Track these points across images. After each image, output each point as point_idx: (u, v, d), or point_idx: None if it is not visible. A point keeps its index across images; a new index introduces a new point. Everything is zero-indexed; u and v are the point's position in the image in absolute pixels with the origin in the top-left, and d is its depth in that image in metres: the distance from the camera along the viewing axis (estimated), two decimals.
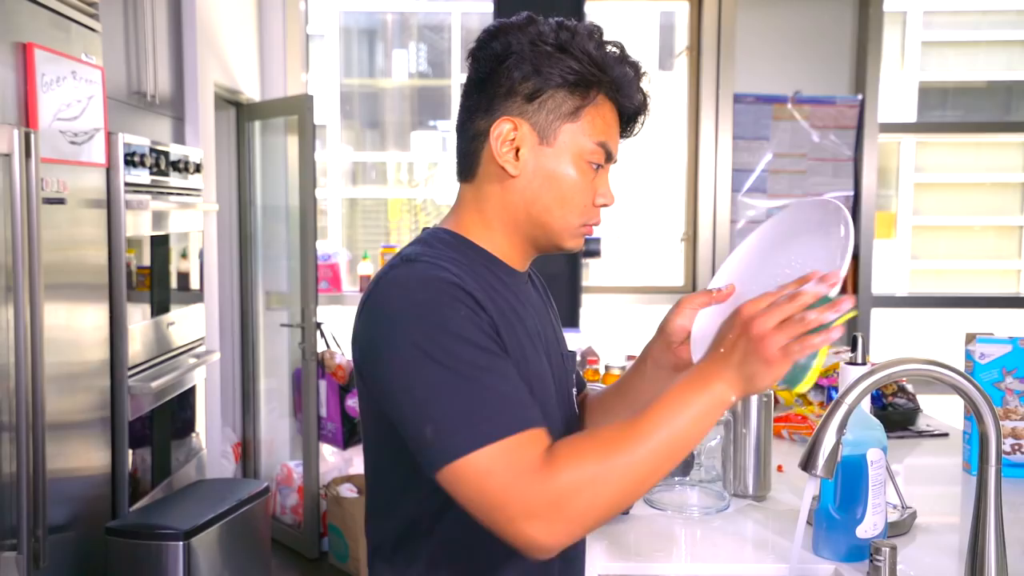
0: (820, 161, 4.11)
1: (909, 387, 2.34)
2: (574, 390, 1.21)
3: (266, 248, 4.02)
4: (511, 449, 0.87)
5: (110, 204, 2.40)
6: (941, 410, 2.44)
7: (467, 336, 0.92)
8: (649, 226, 4.54)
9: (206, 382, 3.11)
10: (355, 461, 3.75)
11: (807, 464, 1.05)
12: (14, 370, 1.86)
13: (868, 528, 1.37)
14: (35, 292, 1.88)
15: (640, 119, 1.10)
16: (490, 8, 3.83)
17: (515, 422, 0.89)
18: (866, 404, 1.50)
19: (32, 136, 1.86)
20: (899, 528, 1.50)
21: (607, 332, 4.24)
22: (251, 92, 3.86)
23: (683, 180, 4.25)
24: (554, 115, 1.02)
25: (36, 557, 1.86)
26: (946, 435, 2.19)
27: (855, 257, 4.11)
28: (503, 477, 0.86)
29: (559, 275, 3.56)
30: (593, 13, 4.39)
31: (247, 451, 3.94)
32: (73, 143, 2.15)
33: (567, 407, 1.16)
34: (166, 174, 2.73)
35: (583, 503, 0.86)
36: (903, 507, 1.55)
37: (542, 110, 1.02)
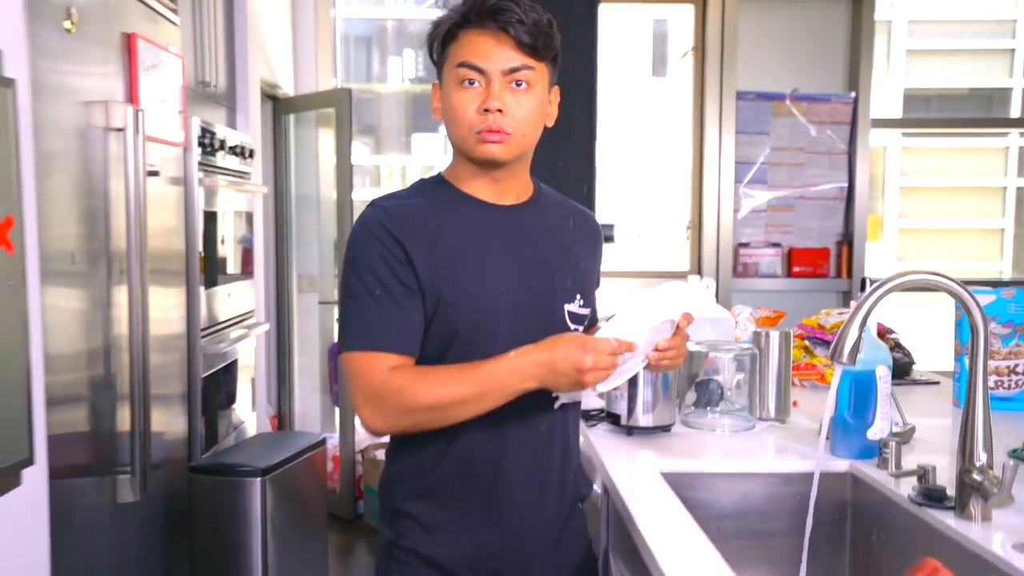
0: (816, 154, 4.41)
1: (904, 344, 2.62)
2: (571, 307, 1.40)
3: (298, 234, 4.28)
4: (365, 359, 1.26)
5: (186, 181, 2.65)
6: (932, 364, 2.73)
7: (370, 269, 1.27)
8: (657, 216, 4.82)
9: (255, 351, 3.36)
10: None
11: (834, 354, 1.32)
12: (128, 342, 2.10)
13: (877, 431, 1.65)
14: (143, 267, 2.11)
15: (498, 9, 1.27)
16: None
17: (373, 342, 1.26)
18: (875, 331, 1.77)
19: (140, 114, 2.12)
20: (901, 438, 1.77)
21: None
22: (287, 87, 4.12)
23: (689, 172, 4.53)
24: (441, 68, 1.34)
25: (144, 482, 2.11)
26: (937, 383, 2.48)
27: (849, 242, 4.41)
28: (356, 374, 1.26)
29: None
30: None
31: (282, 424, 4.19)
32: (162, 123, 2.41)
33: (542, 316, 1.36)
34: (225, 156, 2.98)
35: (399, 404, 1.24)
36: (904, 423, 1.83)
37: (440, 68, 1.34)
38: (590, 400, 1.83)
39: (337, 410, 4.07)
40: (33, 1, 1.69)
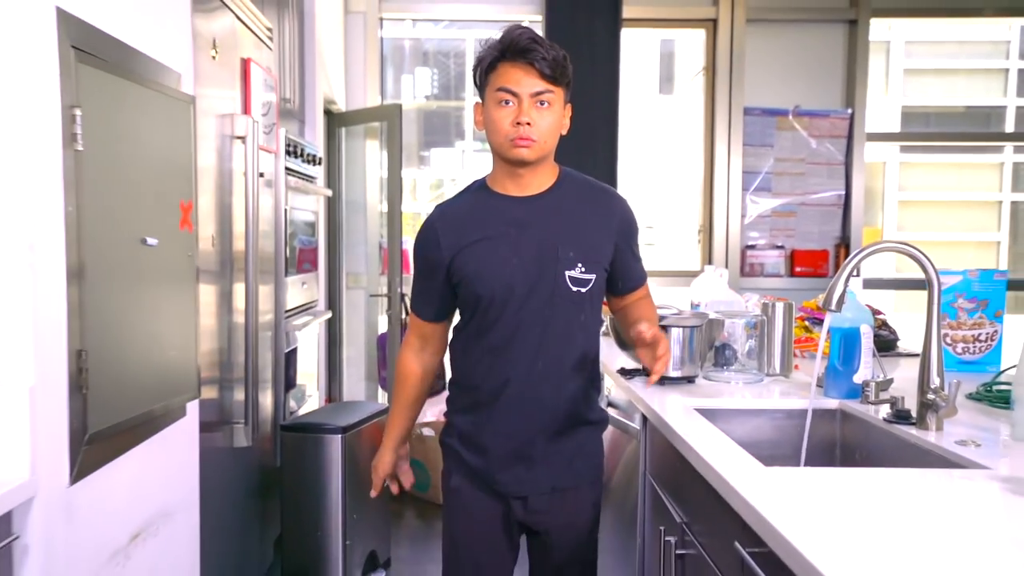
0: (816, 165, 4.86)
1: (890, 323, 3.05)
2: (572, 273, 1.79)
3: (347, 235, 4.73)
4: (412, 316, 1.94)
5: (276, 183, 3.09)
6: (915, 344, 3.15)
7: (418, 260, 1.85)
8: (671, 220, 5.27)
9: (318, 336, 3.80)
10: (427, 413, 4.43)
11: (825, 303, 1.75)
12: (244, 331, 2.54)
13: (861, 376, 2.08)
14: (257, 263, 2.54)
15: (524, 47, 1.69)
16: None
17: (414, 308, 1.91)
18: (860, 296, 2.21)
19: (255, 125, 2.56)
20: (881, 386, 2.20)
21: None
22: (340, 102, 4.58)
23: (700, 181, 4.98)
24: (483, 91, 1.76)
25: (255, 431, 2.55)
26: (917, 355, 2.90)
27: (846, 245, 4.85)
28: (408, 321, 1.99)
29: None
30: None
31: None
32: (264, 133, 2.86)
33: (547, 281, 1.77)
34: (300, 163, 3.42)
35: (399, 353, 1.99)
36: (884, 375, 2.26)
37: (483, 91, 1.76)
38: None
39: (384, 394, 4.50)
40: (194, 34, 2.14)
